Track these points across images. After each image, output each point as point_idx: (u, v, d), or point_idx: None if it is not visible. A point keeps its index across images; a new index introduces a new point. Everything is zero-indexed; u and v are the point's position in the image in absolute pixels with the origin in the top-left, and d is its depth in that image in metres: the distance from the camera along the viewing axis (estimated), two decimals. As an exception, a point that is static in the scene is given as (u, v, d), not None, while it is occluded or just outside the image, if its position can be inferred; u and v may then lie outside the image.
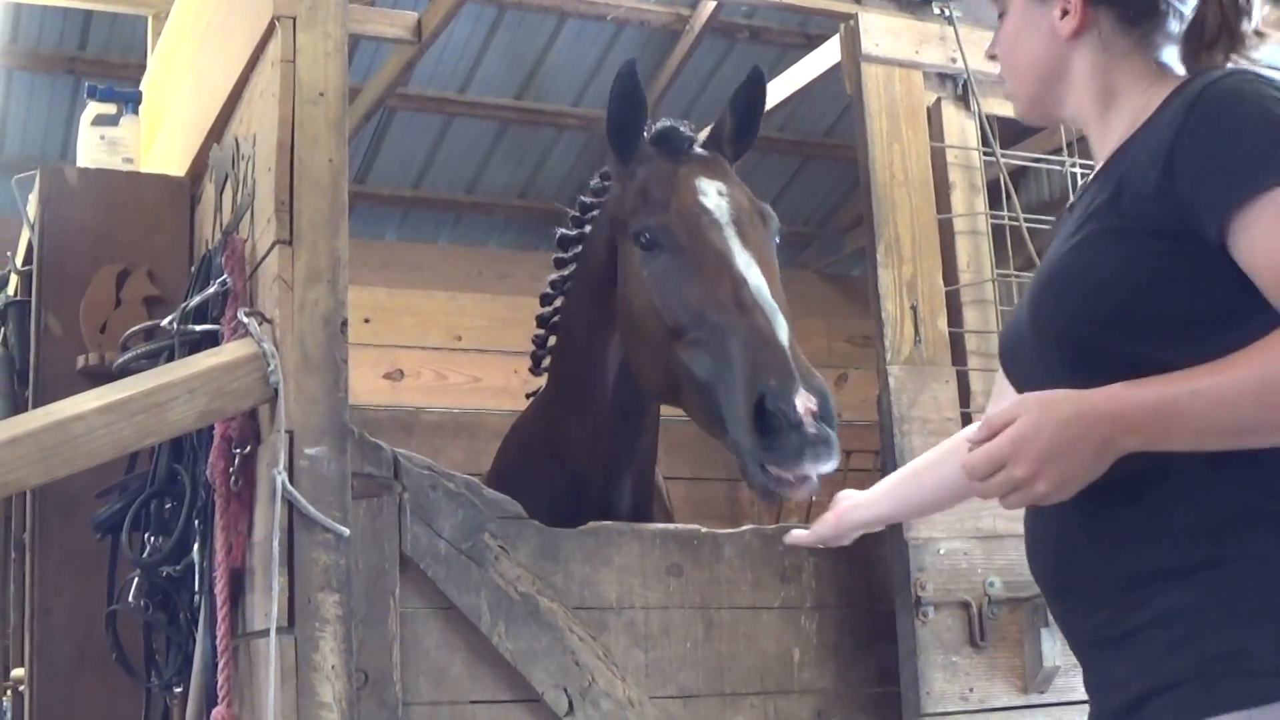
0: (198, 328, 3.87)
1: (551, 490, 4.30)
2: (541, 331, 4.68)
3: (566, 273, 4.48)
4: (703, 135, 4.27)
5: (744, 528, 4.19)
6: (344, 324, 3.56)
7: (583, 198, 4.44)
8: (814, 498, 7.28)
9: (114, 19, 8.14)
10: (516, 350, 4.75)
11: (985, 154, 4.58)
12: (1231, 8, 2.72)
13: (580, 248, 4.41)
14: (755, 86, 4.21)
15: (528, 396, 5.01)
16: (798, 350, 3.58)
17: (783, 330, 3.57)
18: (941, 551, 4.09)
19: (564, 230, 4.50)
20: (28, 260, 4.88)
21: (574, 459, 4.34)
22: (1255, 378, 2.26)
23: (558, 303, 4.57)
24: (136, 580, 4.04)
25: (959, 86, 4.59)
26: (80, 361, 4.55)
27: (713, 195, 3.92)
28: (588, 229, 4.38)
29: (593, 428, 4.30)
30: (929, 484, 3.43)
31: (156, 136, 5.40)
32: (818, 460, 3.45)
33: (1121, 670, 2.53)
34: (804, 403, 3.40)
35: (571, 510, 4.09)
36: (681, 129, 4.12)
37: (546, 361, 4.72)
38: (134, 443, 3.51)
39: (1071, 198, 4.56)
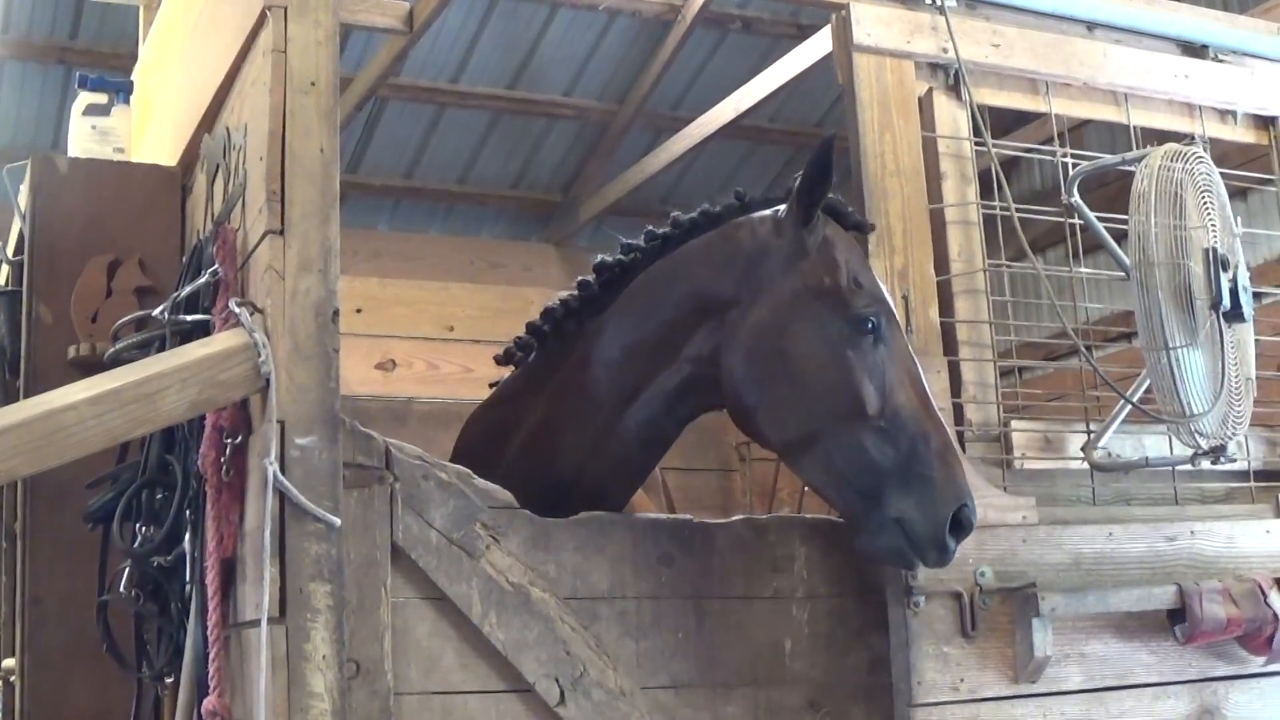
0: (189, 318, 3.86)
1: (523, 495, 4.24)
2: (528, 338, 4.55)
3: (584, 293, 4.34)
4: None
5: (736, 518, 4.18)
6: (335, 314, 3.56)
7: (651, 229, 4.30)
8: (806, 488, 7.32)
9: (105, 8, 8.13)
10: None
11: (977, 144, 4.58)
12: None
13: (606, 275, 4.30)
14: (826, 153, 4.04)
15: (491, 386, 4.91)
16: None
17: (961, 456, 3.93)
18: (933, 541, 4.09)
19: (605, 257, 4.33)
20: (18, 250, 4.88)
21: (559, 468, 4.29)
22: None
23: (558, 315, 4.43)
24: (128, 570, 4.03)
25: (951, 77, 4.59)
26: (71, 351, 4.54)
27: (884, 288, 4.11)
28: (632, 257, 4.28)
29: (596, 445, 4.24)
30: None
31: (148, 126, 5.39)
32: (931, 564, 3.84)
33: None
34: (972, 529, 3.77)
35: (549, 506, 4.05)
36: (853, 211, 4.21)
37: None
38: (125, 433, 3.51)
39: (1062, 188, 4.59)
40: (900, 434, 3.77)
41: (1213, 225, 4.46)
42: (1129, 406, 4.43)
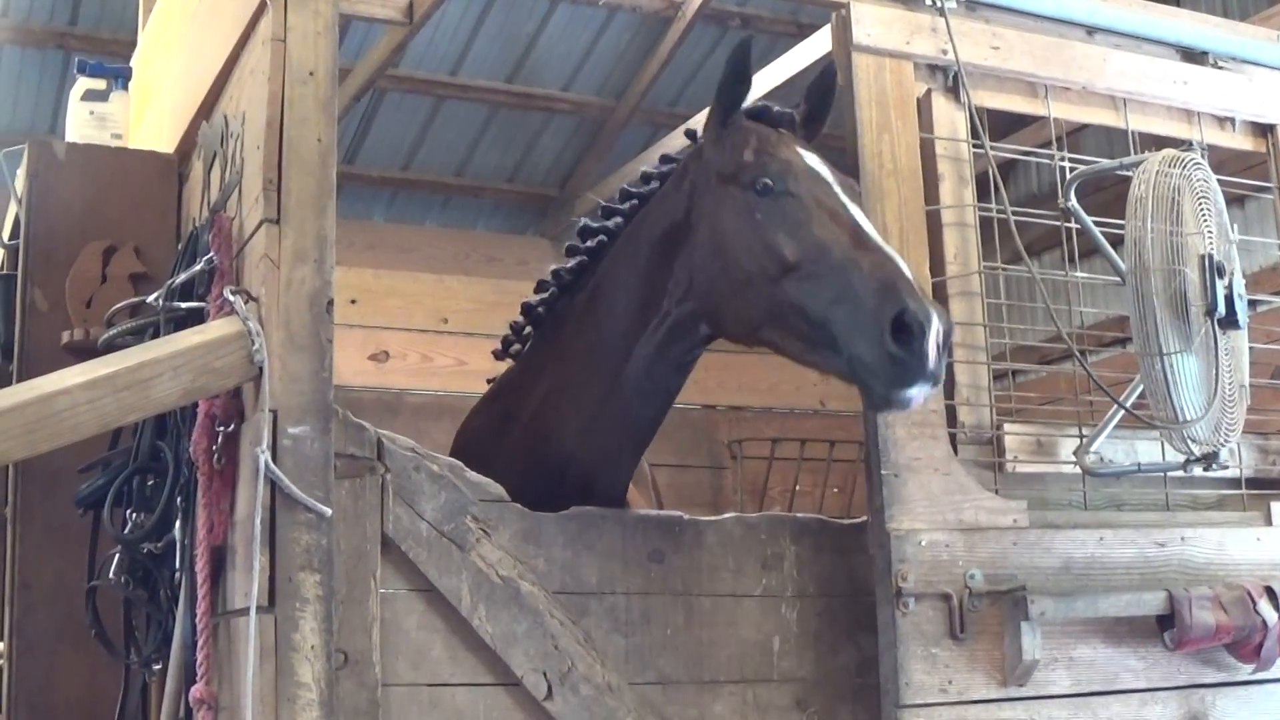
0: (183, 305, 3.87)
1: (520, 482, 4.27)
2: (522, 320, 4.64)
3: (572, 264, 4.45)
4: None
5: (726, 515, 4.19)
6: (330, 304, 3.56)
7: (626, 186, 4.46)
8: (797, 486, 7.31)
9: (105, -6, 8.12)
10: (503, 334, 4.73)
11: (975, 146, 4.57)
12: None
13: (598, 239, 4.40)
14: (829, 80, 4.30)
15: (488, 381, 4.97)
16: (923, 288, 3.73)
17: (908, 269, 3.70)
18: (923, 543, 4.09)
19: (588, 221, 4.48)
20: (14, 235, 4.88)
21: (563, 444, 4.31)
22: None
23: (548, 294, 4.54)
24: (117, 556, 4.04)
25: (949, 78, 4.59)
26: (65, 337, 4.54)
27: (815, 159, 4.07)
28: (615, 221, 4.39)
29: (599, 408, 4.28)
30: None
31: (146, 113, 5.39)
32: (925, 389, 3.62)
33: None
34: (936, 334, 3.53)
35: (548, 495, 4.07)
36: (778, 109, 4.26)
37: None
38: (117, 419, 3.51)
39: (1059, 192, 4.59)
40: (828, 271, 3.75)
41: (1209, 232, 4.46)
42: (1122, 411, 4.43)
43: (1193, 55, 5.12)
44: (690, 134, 4.35)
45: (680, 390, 4.37)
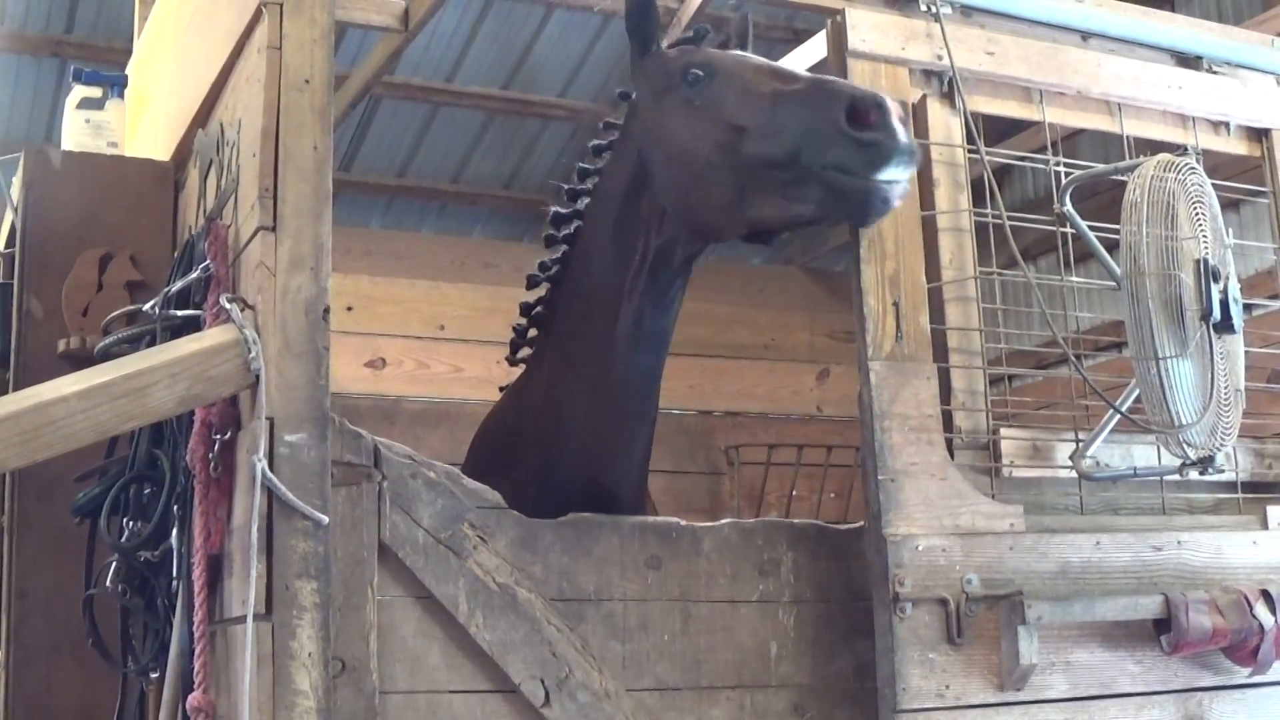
0: (180, 313, 3.87)
1: (539, 479, 4.31)
2: (523, 321, 4.68)
3: (558, 254, 4.52)
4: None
5: (723, 521, 4.19)
6: (326, 311, 3.56)
7: (582, 164, 4.61)
8: (794, 492, 7.31)
9: (100, 2, 8.15)
10: (499, 340, 4.74)
11: (970, 151, 4.58)
12: None
13: (576, 225, 4.54)
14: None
15: (501, 389, 5.00)
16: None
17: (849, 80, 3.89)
18: (920, 548, 4.09)
19: (558, 208, 4.56)
20: (10, 243, 4.88)
21: (576, 431, 4.34)
22: None
23: (541, 291, 4.59)
24: (114, 565, 4.03)
25: (945, 84, 4.59)
26: (61, 345, 4.55)
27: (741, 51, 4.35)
28: (583, 202, 4.52)
29: (604, 372, 4.33)
30: None
31: (141, 120, 5.39)
32: (904, 167, 3.74)
33: None
34: (894, 105, 3.71)
35: (560, 500, 4.09)
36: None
37: (523, 352, 4.74)
38: (114, 427, 3.51)
39: (1055, 197, 4.59)
40: (776, 113, 3.88)
41: (1204, 236, 4.46)
42: (1118, 416, 4.43)
43: (1187, 60, 5.12)
44: (623, 94, 4.55)
45: (673, 331, 4.47)
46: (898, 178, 3.74)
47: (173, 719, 3.77)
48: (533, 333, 4.72)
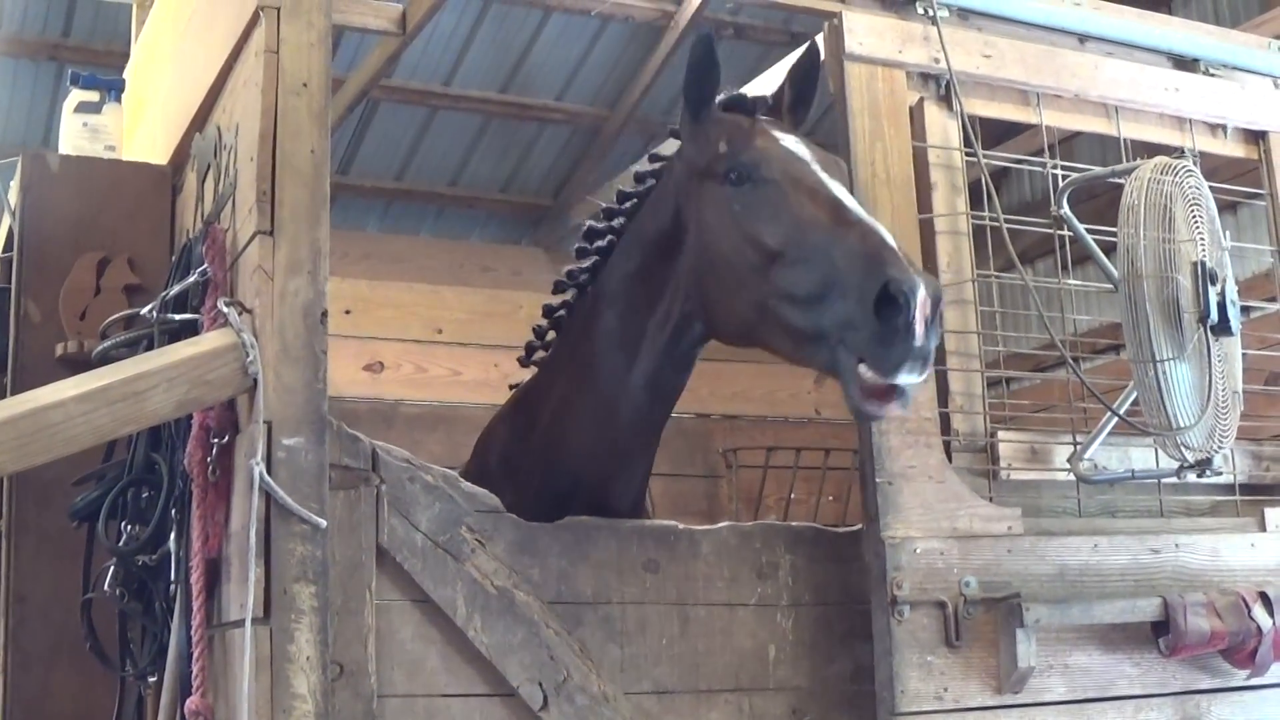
0: (177, 317, 3.87)
1: (541, 484, 4.29)
2: (544, 323, 4.63)
3: (586, 264, 4.44)
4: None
5: (721, 524, 4.19)
6: (324, 315, 3.56)
7: (622, 188, 4.46)
8: (792, 495, 7.30)
9: (98, 6, 8.14)
10: (497, 344, 4.74)
11: (967, 154, 4.58)
12: None
13: (609, 239, 4.41)
14: (813, 60, 4.30)
15: (511, 387, 4.97)
16: (911, 257, 3.59)
17: (893, 239, 3.58)
18: (918, 551, 4.09)
19: (593, 222, 4.47)
20: (8, 247, 4.88)
21: (579, 447, 4.31)
22: None
23: (569, 295, 4.53)
24: (113, 569, 4.03)
25: (942, 87, 4.59)
26: (59, 349, 4.54)
27: (793, 140, 4.03)
28: (619, 221, 4.39)
29: (612, 408, 4.26)
30: None
31: (139, 124, 5.39)
32: (916, 372, 3.46)
33: None
34: (924, 304, 3.38)
35: (561, 505, 4.08)
36: (751, 94, 4.24)
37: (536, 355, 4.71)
38: (112, 431, 3.51)
39: (1052, 200, 4.59)
40: (810, 253, 3.65)
41: (1201, 239, 4.47)
42: (1116, 418, 4.43)
43: (1184, 62, 5.13)
44: (674, 132, 4.33)
45: (685, 386, 4.37)
46: (907, 382, 3.48)
47: (171, 723, 3.77)
48: (550, 335, 4.66)
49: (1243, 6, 8.67)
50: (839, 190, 3.81)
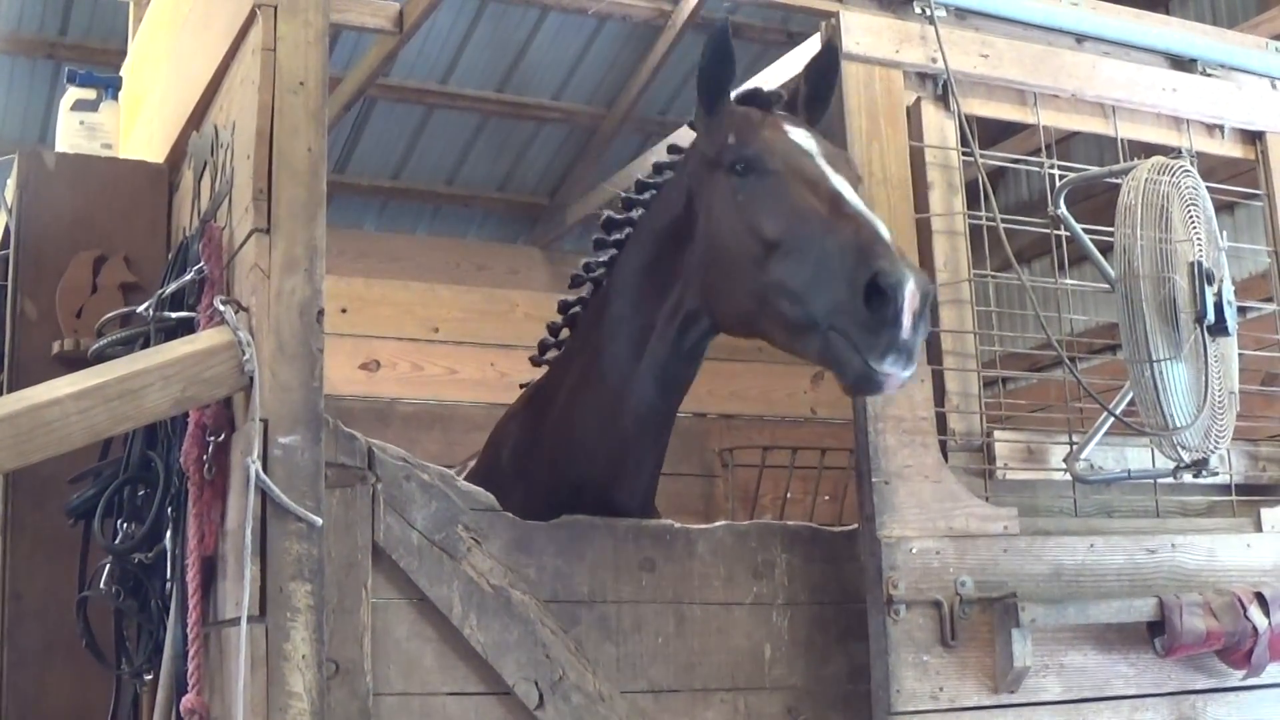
0: (173, 315, 3.87)
1: (551, 480, 4.29)
2: (558, 319, 4.62)
3: (604, 258, 4.44)
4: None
5: (718, 524, 4.19)
6: (320, 313, 3.56)
7: (640, 178, 4.47)
8: (788, 494, 7.30)
9: (95, 4, 8.14)
10: (493, 342, 4.73)
11: (964, 154, 4.58)
12: None
13: (627, 231, 4.41)
14: (830, 57, 4.30)
15: (521, 386, 4.96)
16: (903, 251, 3.61)
17: (887, 232, 3.61)
18: (914, 550, 4.10)
19: (611, 213, 4.48)
20: (4, 245, 4.87)
21: (589, 441, 4.30)
22: None
23: (584, 290, 4.53)
24: (108, 567, 4.03)
25: (939, 86, 4.59)
26: (55, 347, 4.54)
27: (802, 134, 4.03)
28: (637, 212, 4.39)
29: (621, 400, 4.26)
30: None
31: (136, 122, 5.39)
32: (901, 365, 3.50)
33: None
34: (912, 297, 3.41)
35: (571, 501, 4.08)
36: (766, 89, 4.23)
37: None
38: (108, 429, 3.51)
39: (1049, 200, 4.59)
40: (805, 244, 3.69)
41: (1198, 239, 4.47)
42: (1112, 419, 4.43)
43: (1181, 63, 5.13)
44: (692, 124, 4.34)
45: (693, 379, 4.37)
46: (892, 372, 3.51)
47: (167, 721, 3.77)
48: (565, 334, 4.66)
49: (1240, 6, 8.68)
50: (840, 183, 3.83)
